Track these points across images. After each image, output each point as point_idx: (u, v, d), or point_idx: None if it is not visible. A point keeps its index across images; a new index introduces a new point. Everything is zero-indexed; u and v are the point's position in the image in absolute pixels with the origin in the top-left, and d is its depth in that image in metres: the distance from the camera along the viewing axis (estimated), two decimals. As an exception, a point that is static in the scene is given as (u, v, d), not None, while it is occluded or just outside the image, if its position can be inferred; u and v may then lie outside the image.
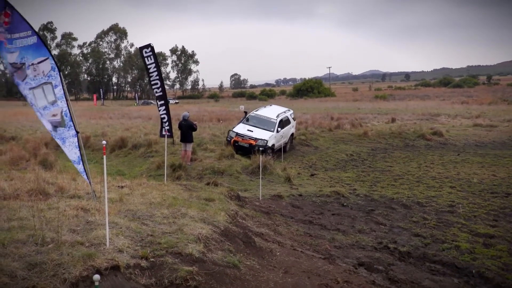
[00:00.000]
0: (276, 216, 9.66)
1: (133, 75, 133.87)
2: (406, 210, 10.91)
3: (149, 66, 17.43)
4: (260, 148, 18.35)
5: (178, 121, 17.79)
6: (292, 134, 22.37)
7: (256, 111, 22.18)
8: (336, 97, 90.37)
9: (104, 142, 5.61)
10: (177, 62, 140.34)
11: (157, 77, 17.51)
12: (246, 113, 22.65)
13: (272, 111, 21.79)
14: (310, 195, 12.15)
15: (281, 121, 20.73)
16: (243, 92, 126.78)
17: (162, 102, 17.71)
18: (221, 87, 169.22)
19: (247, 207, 9.66)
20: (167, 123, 17.58)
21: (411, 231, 9.25)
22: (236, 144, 19.18)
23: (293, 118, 22.74)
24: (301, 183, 14.18)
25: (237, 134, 19.67)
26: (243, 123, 20.85)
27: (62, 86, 6.25)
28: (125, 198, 7.67)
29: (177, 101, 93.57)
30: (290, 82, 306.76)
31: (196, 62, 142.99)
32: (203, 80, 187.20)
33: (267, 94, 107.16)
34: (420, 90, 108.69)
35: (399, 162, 18.66)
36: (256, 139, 19.07)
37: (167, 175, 12.39)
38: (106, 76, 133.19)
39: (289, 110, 22.99)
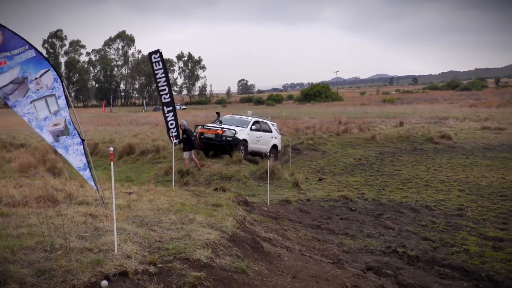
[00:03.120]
0: (284, 221, 9.65)
1: (141, 81, 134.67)
2: (414, 214, 10.85)
3: (157, 72, 17.45)
4: (228, 138, 17.92)
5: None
6: (276, 147, 20.84)
7: (233, 114, 21.94)
8: (343, 101, 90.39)
9: (111, 148, 5.64)
10: (184, 68, 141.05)
11: (165, 83, 17.52)
12: (218, 114, 21.88)
13: (250, 117, 21.31)
14: (318, 200, 12.12)
15: (257, 122, 20.09)
16: (250, 97, 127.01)
17: (170, 108, 17.75)
18: (228, 92, 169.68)
19: (255, 212, 9.65)
20: (175, 130, 17.61)
21: (419, 235, 9.20)
22: (202, 136, 18.37)
23: (276, 130, 21.38)
24: (309, 188, 14.16)
25: (204, 127, 18.95)
26: (215, 123, 20.14)
27: (65, 95, 6.24)
28: (133, 204, 7.69)
29: (184, 107, 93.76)
30: (297, 87, 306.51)
31: (203, 67, 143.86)
32: (210, 86, 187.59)
33: (274, 99, 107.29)
34: (428, 94, 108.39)
35: (407, 166, 18.58)
36: (223, 129, 18.31)
37: (175, 181, 12.42)
38: (114, 83, 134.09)
39: (272, 121, 22.29)
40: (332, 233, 9.22)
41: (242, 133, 18.61)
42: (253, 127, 19.53)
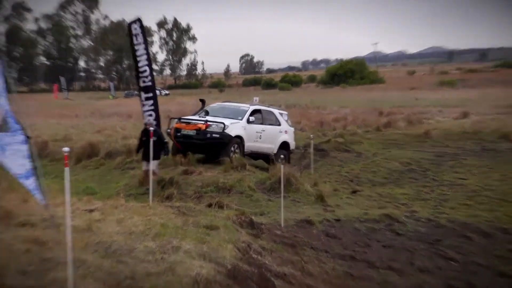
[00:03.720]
0: (305, 250, 9.58)
1: (107, 57, 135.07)
2: (486, 239, 10.75)
3: (136, 48, 17.41)
4: (214, 135, 17.18)
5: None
6: (287, 145, 20.50)
7: (223, 102, 21.86)
8: (385, 84, 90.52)
9: (66, 149, 5.57)
10: (167, 40, 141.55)
11: (146, 62, 17.49)
12: (203, 102, 20.94)
13: (249, 104, 20.83)
14: (352, 220, 12.04)
15: (257, 111, 19.43)
16: (257, 79, 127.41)
17: (150, 94, 17.72)
18: (227, 72, 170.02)
19: (263, 238, 9.60)
20: (155, 122, 17.57)
21: (493, 269, 9.10)
22: (178, 134, 17.64)
23: (287, 122, 21.03)
24: (339, 204, 14.08)
25: (181, 120, 18.15)
26: (198, 115, 19.45)
27: (4, 77, 6.15)
28: (95, 226, 7.66)
29: (166, 92, 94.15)
30: (322, 65, 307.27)
31: (193, 39, 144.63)
32: (202, 63, 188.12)
33: (290, 81, 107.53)
34: (500, 73, 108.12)
35: (475, 172, 18.48)
36: (206, 122, 17.56)
37: (153, 194, 12.35)
38: (71, 60, 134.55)
39: (281, 110, 21.96)
40: (372, 267, 9.14)
41: (235, 128, 17.92)
42: (252, 118, 18.71)
